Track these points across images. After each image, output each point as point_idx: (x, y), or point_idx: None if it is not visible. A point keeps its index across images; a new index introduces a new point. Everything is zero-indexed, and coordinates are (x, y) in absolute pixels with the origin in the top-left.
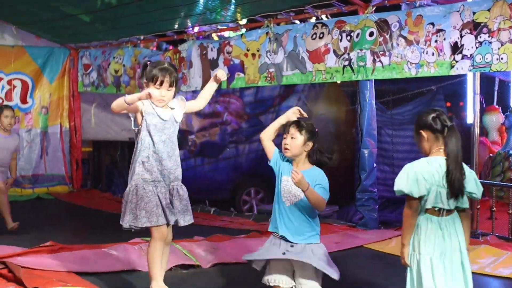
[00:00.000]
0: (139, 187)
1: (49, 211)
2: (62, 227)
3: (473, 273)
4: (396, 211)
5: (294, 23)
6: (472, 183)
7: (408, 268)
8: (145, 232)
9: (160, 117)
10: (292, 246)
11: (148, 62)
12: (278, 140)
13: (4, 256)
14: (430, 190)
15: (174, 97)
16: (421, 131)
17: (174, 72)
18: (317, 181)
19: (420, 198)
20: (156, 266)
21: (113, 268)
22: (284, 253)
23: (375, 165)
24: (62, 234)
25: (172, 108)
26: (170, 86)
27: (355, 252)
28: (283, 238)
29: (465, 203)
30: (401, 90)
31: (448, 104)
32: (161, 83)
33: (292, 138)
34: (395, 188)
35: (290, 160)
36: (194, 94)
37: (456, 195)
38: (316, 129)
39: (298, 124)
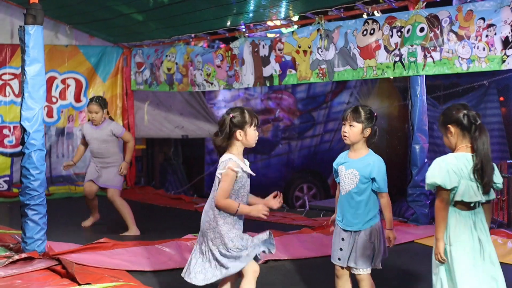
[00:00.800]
0: None
1: (103, 208)
2: (116, 223)
3: None
4: None
5: (345, 19)
6: (497, 174)
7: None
8: (196, 228)
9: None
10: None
11: (231, 115)
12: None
13: (58, 253)
14: (459, 182)
15: None
16: (449, 125)
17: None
18: (373, 173)
19: (450, 191)
20: None
21: (165, 266)
22: (339, 259)
23: (426, 160)
24: (116, 230)
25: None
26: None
27: (406, 247)
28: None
29: (492, 195)
30: (453, 84)
31: (502, 98)
32: (257, 125)
33: (350, 126)
34: (428, 181)
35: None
36: (246, 90)
37: (488, 190)
38: (375, 114)
39: (356, 111)
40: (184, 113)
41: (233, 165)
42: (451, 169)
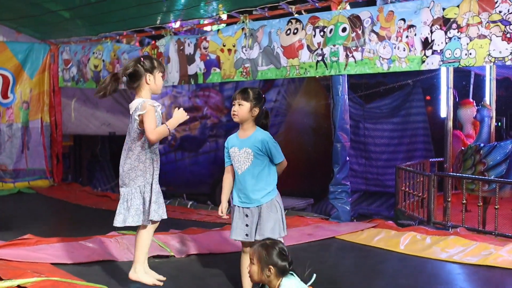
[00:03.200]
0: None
1: (30, 205)
2: (42, 221)
3: (441, 260)
4: (373, 204)
5: (269, 18)
6: None
7: None
8: (124, 228)
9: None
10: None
11: (142, 60)
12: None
13: None
14: None
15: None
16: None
17: None
18: (264, 147)
19: None
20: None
21: (89, 259)
22: (247, 225)
23: (348, 158)
24: (42, 228)
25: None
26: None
27: (326, 243)
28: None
29: None
30: (379, 83)
31: (428, 97)
32: (163, 72)
33: (239, 105)
34: None
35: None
36: (174, 88)
37: None
38: (263, 95)
39: (244, 91)
40: (111, 110)
41: (150, 102)
42: None
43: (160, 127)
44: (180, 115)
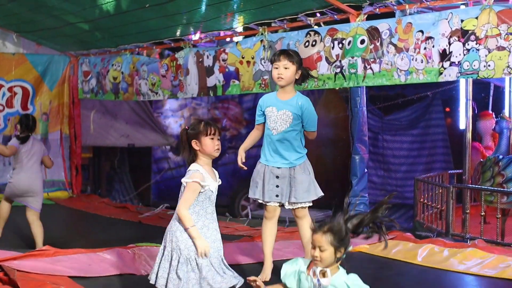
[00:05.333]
0: None
1: (48, 216)
2: (60, 232)
3: (459, 272)
4: (392, 215)
5: (288, 31)
6: None
7: None
8: (142, 239)
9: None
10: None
11: (186, 127)
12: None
13: (0, 260)
14: None
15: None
16: None
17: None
18: (304, 113)
19: None
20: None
21: (107, 272)
22: (277, 186)
23: (366, 170)
24: (60, 238)
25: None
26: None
27: (349, 255)
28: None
29: None
30: (398, 95)
31: (448, 109)
32: (213, 134)
33: (285, 68)
34: None
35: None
36: (193, 100)
37: None
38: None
39: (289, 54)
40: (130, 122)
41: (199, 178)
42: None
43: (190, 218)
44: (203, 247)
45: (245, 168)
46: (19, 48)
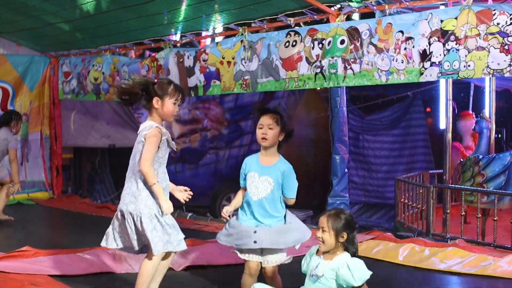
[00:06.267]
0: None
1: (29, 217)
2: (41, 232)
3: (439, 271)
4: (373, 216)
5: (268, 31)
6: None
7: None
8: None
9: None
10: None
11: (156, 81)
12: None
13: None
14: None
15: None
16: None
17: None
18: (285, 182)
19: None
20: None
21: (87, 271)
22: (255, 242)
23: (346, 170)
24: (40, 238)
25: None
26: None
27: None
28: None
29: None
30: (379, 95)
31: (428, 109)
32: (177, 100)
33: (270, 128)
34: (365, 277)
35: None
36: None
37: None
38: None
39: (275, 114)
40: (111, 122)
41: (158, 130)
42: None
43: (154, 174)
44: (167, 208)
45: (228, 219)
46: None
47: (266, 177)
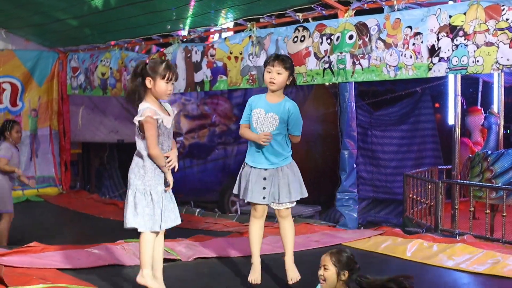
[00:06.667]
0: None
1: (37, 214)
2: (49, 230)
3: (448, 269)
4: (382, 211)
5: (277, 26)
6: None
7: None
8: (132, 235)
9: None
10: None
11: (147, 61)
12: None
13: None
14: None
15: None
16: None
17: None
18: (290, 118)
19: None
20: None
21: (95, 264)
22: (264, 198)
23: (355, 165)
24: (48, 237)
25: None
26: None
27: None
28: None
29: None
30: (388, 91)
31: (437, 105)
32: (169, 79)
33: (278, 73)
34: None
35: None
36: (183, 95)
37: None
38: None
39: (284, 60)
40: (119, 117)
41: (151, 113)
42: None
43: (162, 156)
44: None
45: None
46: (7, 44)
47: (272, 113)
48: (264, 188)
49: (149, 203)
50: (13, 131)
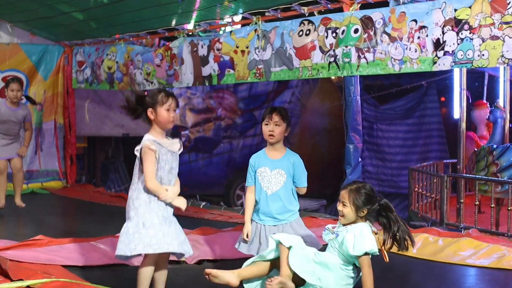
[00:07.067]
0: None
1: (42, 206)
2: (54, 221)
3: (454, 264)
4: None
5: (282, 20)
6: None
7: None
8: None
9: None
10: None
11: (146, 93)
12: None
13: None
14: None
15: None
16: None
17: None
18: (296, 172)
19: None
20: None
21: (100, 262)
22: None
23: (360, 159)
24: (54, 228)
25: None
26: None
27: None
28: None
29: None
30: (393, 85)
31: (443, 99)
32: (170, 106)
33: (276, 125)
34: (372, 251)
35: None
36: (188, 89)
37: None
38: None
39: (281, 111)
40: (124, 111)
41: (149, 143)
42: None
43: (160, 187)
44: (179, 203)
45: (248, 240)
46: (13, 38)
47: (278, 169)
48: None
49: (140, 228)
50: (8, 89)
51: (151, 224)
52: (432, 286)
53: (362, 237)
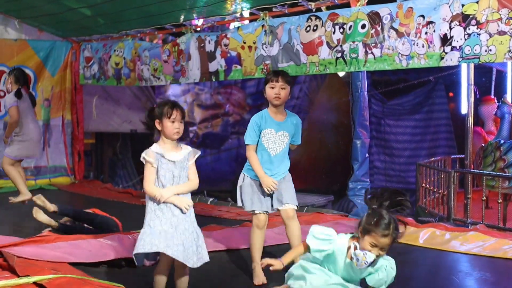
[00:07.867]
0: None
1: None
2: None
3: (461, 253)
4: None
5: (289, 15)
6: None
7: None
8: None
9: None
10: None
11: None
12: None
13: (0, 246)
14: None
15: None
16: None
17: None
18: (297, 132)
19: None
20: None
21: (107, 257)
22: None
23: (367, 155)
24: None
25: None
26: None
27: None
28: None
29: None
30: (401, 80)
31: (451, 94)
32: (174, 118)
33: (282, 88)
34: None
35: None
36: (196, 85)
37: None
38: None
39: (286, 75)
40: (132, 107)
41: (147, 154)
42: None
43: (154, 189)
44: (179, 203)
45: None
46: (21, 34)
47: (283, 131)
48: (270, 196)
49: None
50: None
51: (153, 227)
52: (435, 272)
53: (391, 272)
